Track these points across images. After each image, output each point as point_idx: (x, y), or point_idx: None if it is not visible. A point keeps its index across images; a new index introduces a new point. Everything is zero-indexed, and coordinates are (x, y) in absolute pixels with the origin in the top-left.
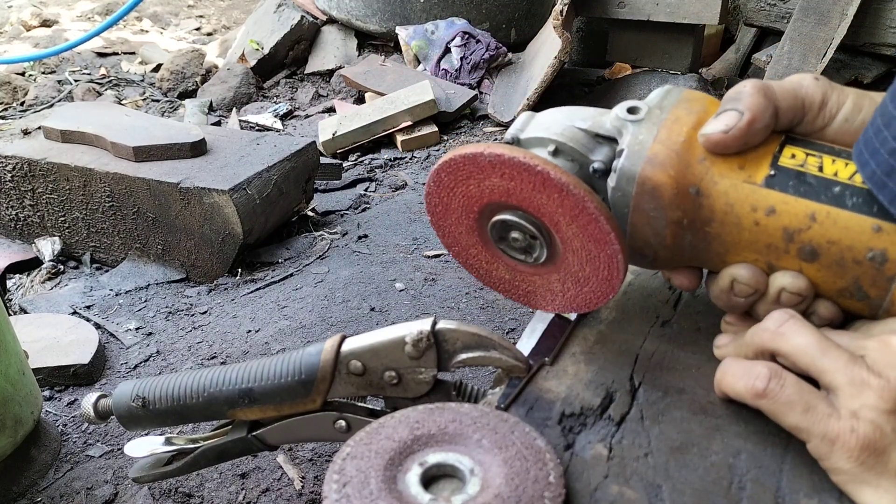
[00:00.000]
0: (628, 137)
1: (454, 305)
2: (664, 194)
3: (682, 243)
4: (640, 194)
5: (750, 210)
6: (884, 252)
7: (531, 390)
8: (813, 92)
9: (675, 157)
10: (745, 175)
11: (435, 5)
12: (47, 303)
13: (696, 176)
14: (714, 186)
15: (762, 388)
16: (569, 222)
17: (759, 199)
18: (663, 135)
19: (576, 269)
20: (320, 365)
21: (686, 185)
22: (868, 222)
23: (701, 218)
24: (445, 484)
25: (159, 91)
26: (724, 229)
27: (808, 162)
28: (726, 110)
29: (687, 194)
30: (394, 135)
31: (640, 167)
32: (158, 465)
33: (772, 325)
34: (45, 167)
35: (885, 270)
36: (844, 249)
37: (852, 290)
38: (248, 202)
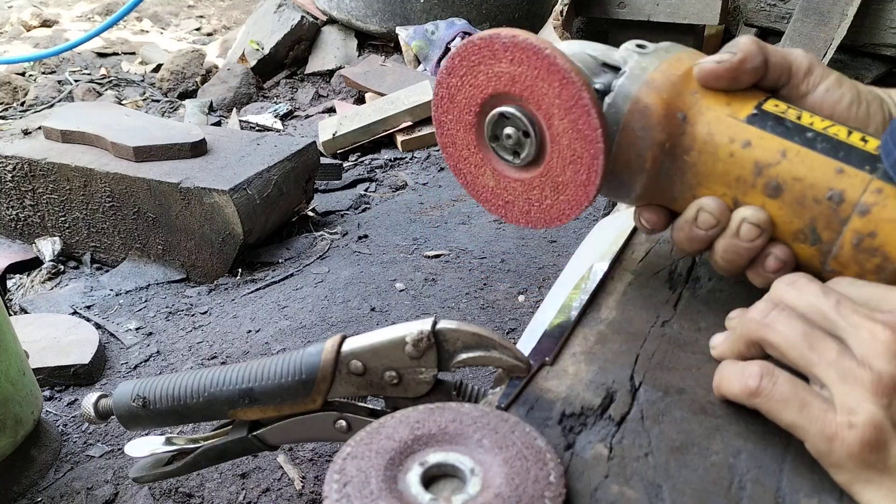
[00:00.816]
0: (631, 63)
1: (454, 305)
2: (654, 114)
3: (659, 169)
4: (632, 112)
5: (728, 141)
6: (842, 192)
7: (531, 390)
8: (801, 59)
9: (670, 84)
10: (729, 110)
11: (435, 5)
12: (47, 303)
13: (686, 104)
14: (700, 115)
15: (755, 387)
16: (562, 115)
17: (739, 132)
18: (664, 66)
19: (557, 172)
20: (320, 365)
21: (675, 110)
22: (832, 164)
23: (682, 145)
24: (446, 484)
25: (159, 91)
26: (701, 158)
27: (788, 111)
28: (721, 52)
29: (674, 118)
30: (394, 135)
31: (636, 87)
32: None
33: (757, 316)
34: (46, 167)
35: (840, 211)
36: (807, 187)
37: (807, 233)
38: (249, 202)
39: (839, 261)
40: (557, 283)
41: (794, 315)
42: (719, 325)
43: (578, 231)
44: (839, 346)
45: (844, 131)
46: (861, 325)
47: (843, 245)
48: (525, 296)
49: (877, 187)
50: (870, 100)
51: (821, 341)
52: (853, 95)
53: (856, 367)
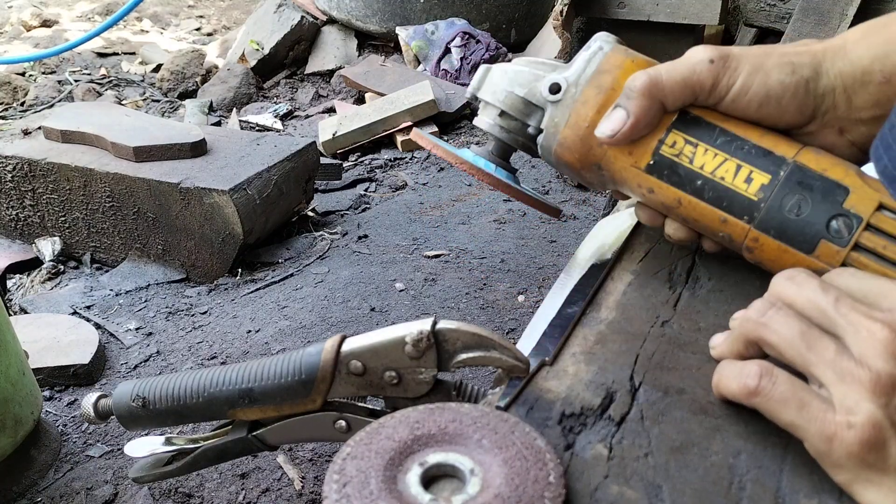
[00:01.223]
0: (547, 118)
1: (454, 305)
2: (574, 167)
3: (602, 188)
4: (558, 163)
5: (637, 186)
6: (729, 235)
7: (531, 390)
8: (703, 78)
9: (580, 142)
10: (632, 160)
11: (435, 5)
12: (47, 303)
13: (597, 157)
14: (610, 165)
15: (754, 386)
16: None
17: (643, 180)
18: (572, 120)
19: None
20: (320, 365)
21: (589, 163)
22: (717, 214)
23: (607, 181)
24: (445, 484)
25: (159, 91)
26: (625, 191)
27: (683, 152)
28: (617, 107)
29: (592, 167)
30: (394, 135)
31: (554, 147)
32: (158, 465)
33: (755, 315)
34: (46, 167)
35: (735, 244)
36: (704, 226)
37: (722, 243)
38: (249, 202)
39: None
40: (557, 283)
41: (791, 314)
42: (719, 325)
43: (578, 231)
44: (837, 346)
45: (732, 171)
46: (860, 324)
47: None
48: (525, 296)
49: (754, 237)
50: (781, 94)
51: (819, 340)
52: (761, 98)
53: (854, 366)
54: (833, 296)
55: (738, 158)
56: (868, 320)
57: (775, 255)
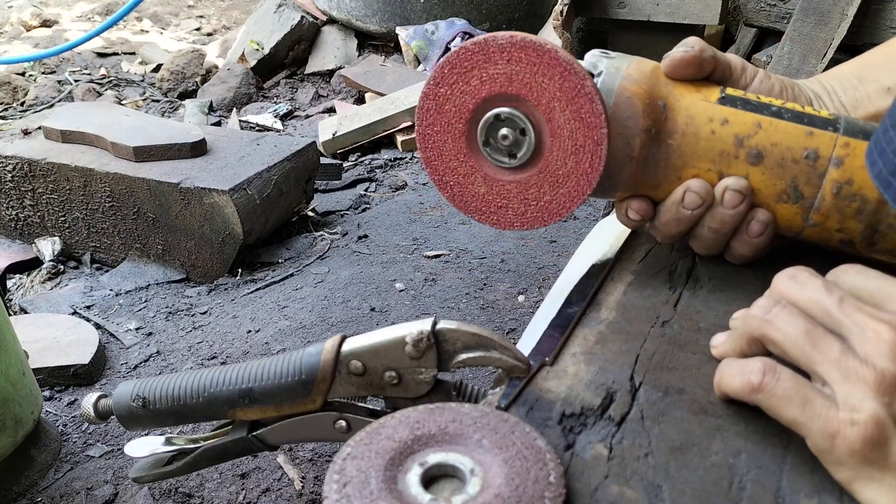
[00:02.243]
0: (605, 64)
1: (454, 305)
2: (638, 102)
3: (646, 156)
4: (618, 104)
5: (707, 121)
6: (816, 150)
7: (531, 390)
8: (735, 58)
9: (646, 77)
10: (701, 96)
11: (435, 5)
12: (47, 303)
13: (663, 93)
14: (677, 102)
15: (757, 383)
16: (564, 107)
17: (715, 112)
18: (634, 65)
19: (558, 164)
20: (320, 365)
21: (655, 98)
22: (802, 129)
23: (666, 129)
24: (446, 484)
25: (159, 91)
26: (685, 140)
27: (748, 95)
28: (679, 46)
29: (656, 106)
30: (394, 135)
31: (618, 82)
32: (158, 465)
33: (759, 312)
34: (46, 167)
35: (818, 167)
36: (785, 150)
37: (789, 192)
38: (248, 202)
39: (822, 212)
40: (557, 283)
41: (796, 312)
42: (719, 325)
43: (578, 231)
44: (841, 344)
45: (799, 106)
46: (865, 324)
47: (825, 196)
48: (525, 296)
49: (844, 142)
50: (791, 86)
51: (823, 339)
52: (780, 85)
53: (859, 365)
54: (837, 296)
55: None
56: (874, 321)
57: None
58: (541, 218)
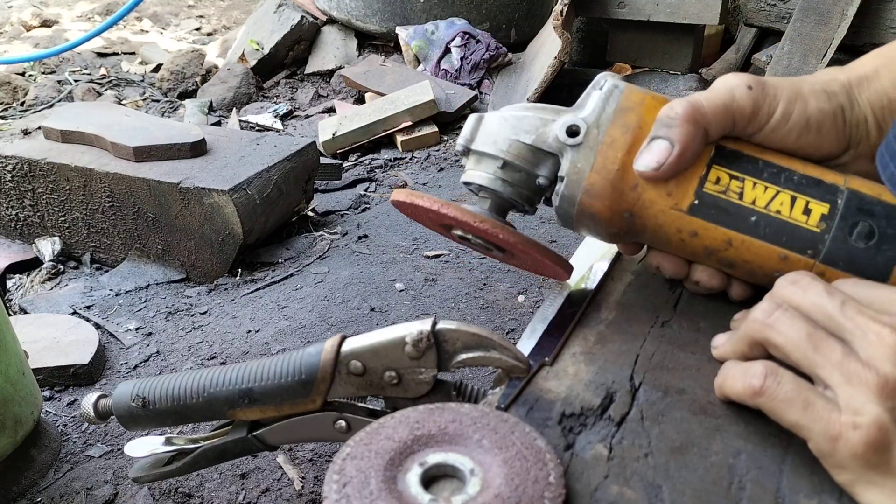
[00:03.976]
0: (567, 164)
1: (454, 305)
2: (601, 218)
3: (620, 240)
4: (581, 215)
5: (676, 231)
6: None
7: (531, 390)
8: (744, 104)
9: (610, 187)
10: (672, 202)
11: (435, 5)
12: (47, 303)
13: (629, 202)
14: (645, 210)
15: (759, 386)
16: (505, 247)
17: (684, 224)
18: (599, 163)
19: (530, 265)
20: (320, 365)
21: (620, 211)
22: (776, 252)
23: (634, 230)
24: (445, 484)
25: (159, 91)
26: (655, 240)
27: (730, 188)
28: (658, 138)
29: (622, 217)
30: (394, 135)
31: (578, 196)
32: (158, 465)
33: (761, 316)
34: (45, 167)
35: None
36: (756, 267)
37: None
38: (248, 202)
39: None
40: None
41: (798, 315)
42: (719, 325)
43: None
44: (844, 348)
45: (787, 203)
46: (867, 328)
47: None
48: (525, 296)
49: (819, 272)
50: (821, 121)
51: (825, 342)
52: (801, 126)
53: (861, 368)
54: (839, 299)
55: (791, 190)
56: (876, 324)
57: None
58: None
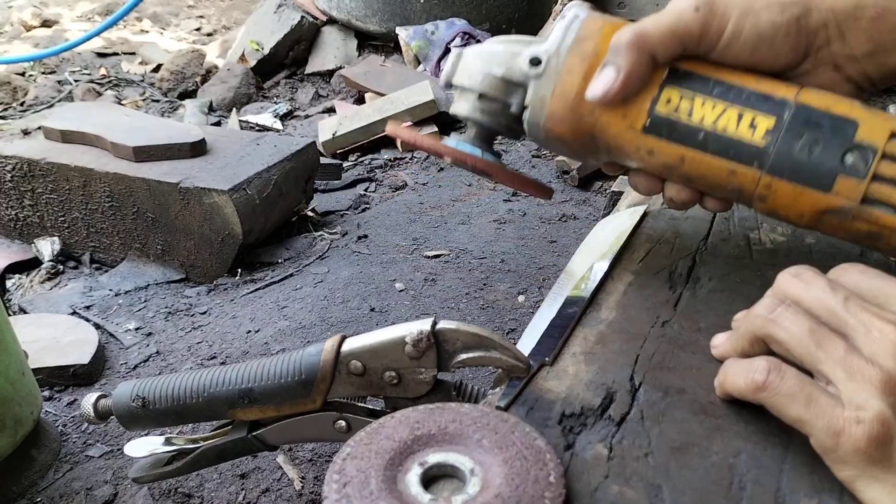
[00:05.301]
0: (531, 93)
1: (454, 305)
2: (566, 140)
3: (595, 160)
4: (547, 139)
5: (635, 150)
6: (739, 187)
7: (531, 390)
8: (691, 26)
9: (570, 112)
10: (627, 123)
11: (435, 5)
12: (47, 303)
13: (589, 126)
14: (604, 133)
15: (762, 381)
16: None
17: (641, 143)
18: (558, 90)
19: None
20: (320, 365)
21: (582, 134)
22: (724, 165)
23: (601, 151)
24: (446, 484)
25: (159, 91)
26: (620, 158)
27: (680, 107)
28: (607, 65)
29: (584, 139)
30: None
31: (542, 122)
32: (158, 466)
33: (763, 312)
34: (45, 167)
35: (745, 196)
36: (712, 181)
37: (730, 197)
38: (248, 202)
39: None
40: (557, 283)
41: (800, 311)
42: (719, 325)
43: (578, 231)
44: (846, 344)
45: (734, 119)
46: (871, 324)
47: (758, 211)
48: (525, 296)
49: (766, 183)
50: (773, 34)
51: (828, 338)
52: (754, 41)
53: (864, 364)
54: (842, 295)
55: (739, 106)
56: (879, 321)
57: (790, 199)
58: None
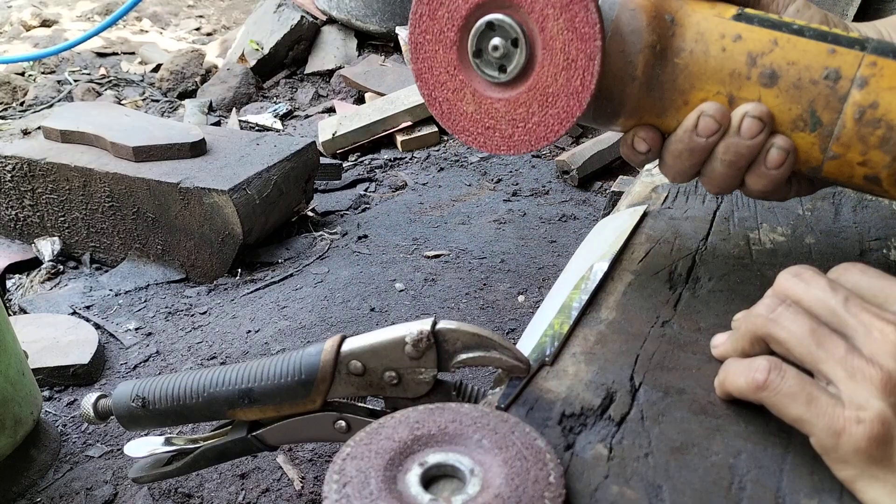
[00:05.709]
0: None
1: (454, 305)
2: (643, 16)
3: (650, 77)
4: (621, 16)
5: (718, 37)
6: (837, 69)
7: (531, 390)
8: None
9: None
10: (715, 11)
11: None
12: (47, 303)
13: (673, 6)
14: (687, 17)
15: (763, 380)
16: (558, 14)
17: (728, 28)
18: None
19: (548, 81)
20: (320, 365)
21: (663, 11)
22: (824, 46)
23: (673, 46)
24: (445, 484)
25: (159, 91)
26: (693, 58)
27: (770, 14)
28: None
29: (663, 20)
30: (394, 135)
31: None
32: (158, 466)
33: (763, 311)
34: (45, 167)
35: (839, 88)
36: (802, 69)
37: (806, 118)
38: (248, 202)
39: (842, 142)
40: (557, 283)
41: (801, 311)
42: (719, 325)
43: (578, 231)
44: (847, 344)
45: (826, 27)
46: (871, 324)
47: (846, 123)
48: (525, 296)
49: (871, 61)
50: (836, 23)
51: (828, 338)
52: (821, 18)
53: (865, 364)
54: (842, 295)
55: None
56: (880, 321)
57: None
58: (528, 141)
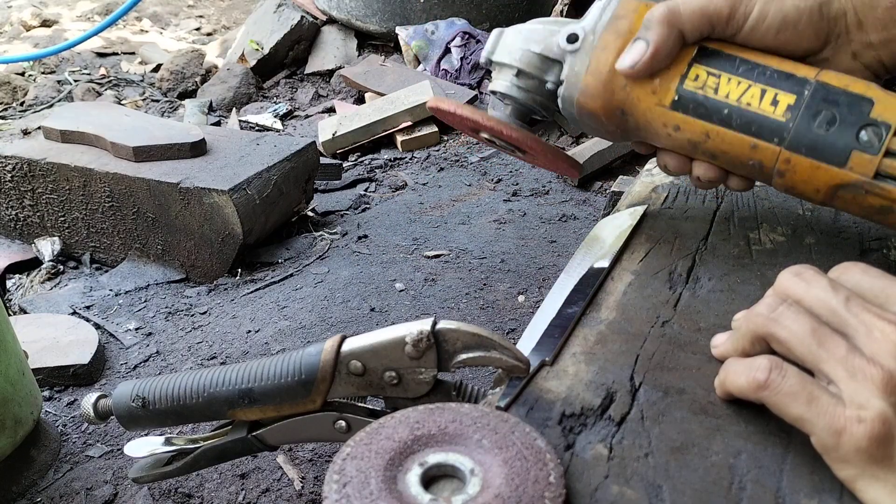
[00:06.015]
0: (567, 68)
1: (454, 305)
2: (598, 116)
3: (621, 135)
4: (580, 114)
5: (662, 126)
6: (760, 162)
7: (531, 390)
8: (720, 7)
9: (602, 87)
10: (656, 99)
11: (435, 5)
12: (47, 303)
13: (620, 101)
14: (634, 108)
15: (763, 380)
16: (515, 144)
17: (668, 119)
18: (593, 66)
19: (545, 161)
20: (320, 365)
21: (613, 109)
22: (746, 141)
23: (630, 128)
24: (446, 484)
25: (159, 91)
26: (648, 136)
27: (707, 83)
28: (638, 39)
29: (615, 114)
30: (394, 135)
31: (576, 96)
32: (158, 466)
33: (764, 311)
34: (45, 167)
35: (765, 172)
36: (733, 157)
37: (751, 174)
38: (248, 202)
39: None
40: (557, 283)
41: (802, 310)
42: (719, 325)
43: (578, 231)
44: (848, 344)
45: (758, 96)
46: (872, 324)
47: (777, 186)
48: (525, 296)
49: (785, 158)
50: (797, 19)
51: (829, 338)
52: (778, 24)
53: (865, 364)
54: (843, 295)
55: (762, 83)
56: (881, 321)
57: (808, 174)
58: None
